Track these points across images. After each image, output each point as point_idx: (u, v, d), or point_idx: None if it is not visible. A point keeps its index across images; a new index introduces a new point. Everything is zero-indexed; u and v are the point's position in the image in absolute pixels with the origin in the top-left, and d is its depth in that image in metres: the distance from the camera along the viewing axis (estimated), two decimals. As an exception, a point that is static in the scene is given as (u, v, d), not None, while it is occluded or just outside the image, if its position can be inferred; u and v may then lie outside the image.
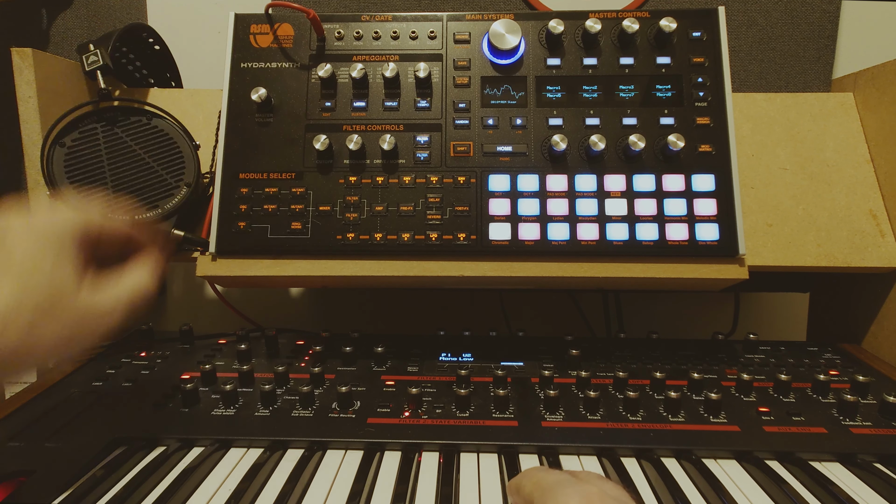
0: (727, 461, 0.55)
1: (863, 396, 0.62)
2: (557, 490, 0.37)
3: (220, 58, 0.72)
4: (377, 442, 0.56)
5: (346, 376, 0.67)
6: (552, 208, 0.67)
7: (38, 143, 0.71)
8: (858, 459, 0.54)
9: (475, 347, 0.75)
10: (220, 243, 0.68)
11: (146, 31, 0.83)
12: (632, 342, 0.77)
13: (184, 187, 0.71)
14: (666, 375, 0.63)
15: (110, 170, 0.69)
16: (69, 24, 0.94)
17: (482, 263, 0.67)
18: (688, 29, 0.70)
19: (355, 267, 0.68)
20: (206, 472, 0.52)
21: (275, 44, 0.72)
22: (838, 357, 0.74)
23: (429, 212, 0.67)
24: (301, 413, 0.60)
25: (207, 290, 1.10)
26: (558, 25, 0.69)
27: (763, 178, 0.76)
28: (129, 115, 0.72)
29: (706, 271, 0.66)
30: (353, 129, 0.69)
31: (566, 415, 0.59)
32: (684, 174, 0.67)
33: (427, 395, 0.63)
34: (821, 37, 0.95)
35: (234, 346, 0.75)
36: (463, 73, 0.70)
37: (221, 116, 0.70)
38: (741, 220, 0.66)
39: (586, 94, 0.69)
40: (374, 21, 0.72)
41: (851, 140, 0.78)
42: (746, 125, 0.78)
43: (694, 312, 1.11)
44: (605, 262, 0.67)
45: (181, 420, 0.59)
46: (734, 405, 0.61)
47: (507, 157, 0.68)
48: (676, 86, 0.69)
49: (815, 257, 0.73)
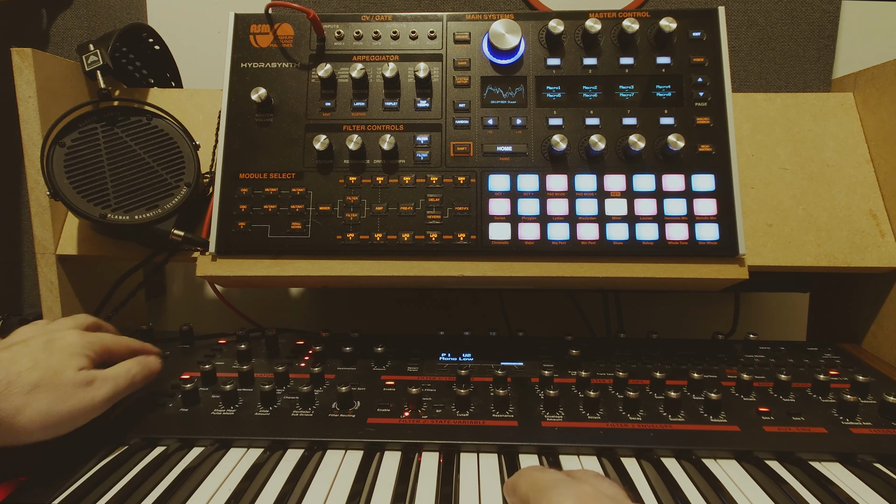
0: (727, 461, 0.55)
1: (863, 396, 0.62)
2: (553, 490, 0.37)
3: (220, 58, 0.72)
4: (377, 442, 0.56)
5: (346, 376, 0.67)
6: (552, 208, 0.67)
7: (38, 143, 0.71)
8: (858, 459, 0.54)
9: (475, 347, 0.75)
10: (220, 243, 0.68)
11: (146, 31, 0.83)
12: (632, 342, 0.77)
13: (184, 187, 0.71)
14: (666, 375, 0.63)
15: (110, 170, 0.69)
16: (69, 24, 0.94)
17: (482, 263, 0.67)
18: (688, 29, 0.70)
19: (355, 267, 0.68)
20: (206, 472, 0.52)
21: (275, 44, 0.72)
22: (838, 357, 0.74)
23: (429, 212, 0.67)
24: (301, 413, 0.60)
25: (207, 290, 1.10)
26: (558, 25, 0.69)
27: (763, 178, 0.76)
28: (129, 115, 0.72)
29: (706, 271, 0.66)
30: (353, 129, 0.69)
31: (566, 415, 0.59)
32: (684, 174, 0.67)
33: (427, 395, 0.63)
34: (821, 37, 0.95)
35: (234, 346, 0.75)
36: (463, 73, 0.70)
37: (221, 116, 0.70)
38: (741, 220, 0.66)
39: (586, 94, 0.69)
40: (374, 21, 0.72)
41: (851, 140, 0.78)
42: (746, 125, 0.78)
43: (694, 312, 1.11)
44: (605, 262, 0.67)
45: (181, 420, 0.59)
46: (734, 405, 0.61)
47: (507, 157, 0.68)
48: (676, 86, 0.69)
49: (815, 257, 0.73)
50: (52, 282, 0.74)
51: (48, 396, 0.50)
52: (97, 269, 0.81)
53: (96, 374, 0.54)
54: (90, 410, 0.53)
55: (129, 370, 0.58)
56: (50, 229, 0.74)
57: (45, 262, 0.74)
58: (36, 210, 0.73)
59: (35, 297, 0.89)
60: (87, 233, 0.75)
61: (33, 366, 0.51)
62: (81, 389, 0.52)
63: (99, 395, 0.53)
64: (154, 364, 0.61)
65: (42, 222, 0.74)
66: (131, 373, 0.57)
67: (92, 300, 0.78)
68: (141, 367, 0.59)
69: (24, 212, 0.95)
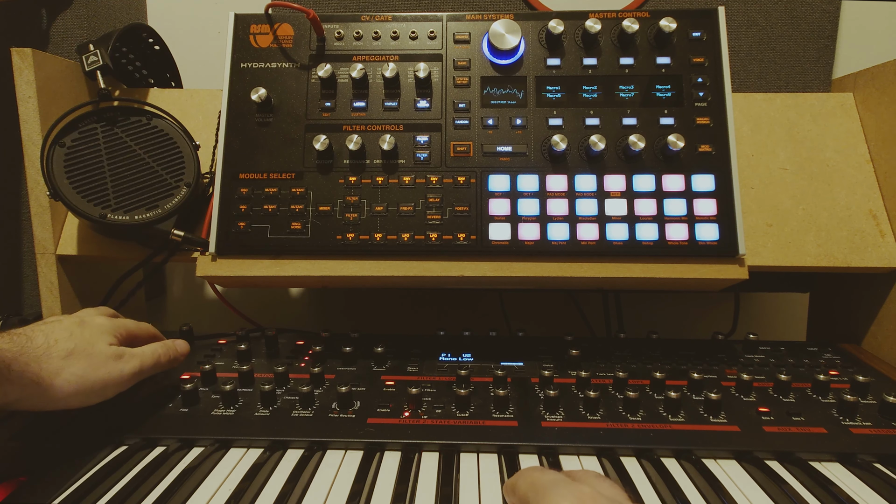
0: (727, 461, 0.55)
1: (863, 396, 0.62)
2: (551, 490, 0.37)
3: (220, 58, 0.72)
4: (377, 442, 0.56)
5: (345, 376, 0.67)
6: (552, 208, 0.67)
7: (38, 143, 0.71)
8: (858, 459, 0.54)
9: (475, 347, 0.75)
10: (219, 243, 0.68)
11: (146, 31, 0.83)
12: (632, 342, 0.77)
13: (184, 187, 0.71)
14: (666, 375, 0.63)
15: (110, 170, 0.69)
16: (69, 24, 0.94)
17: (482, 263, 0.67)
18: (688, 29, 0.70)
19: (355, 267, 0.68)
20: (206, 472, 0.52)
21: (275, 44, 0.72)
22: (838, 357, 0.74)
23: (429, 212, 0.67)
24: (301, 413, 0.60)
25: (207, 290, 1.10)
26: (558, 25, 0.69)
27: (763, 178, 0.76)
28: (129, 116, 0.72)
29: (706, 271, 0.66)
30: (353, 129, 0.69)
31: (566, 415, 0.59)
32: (684, 174, 0.67)
33: (427, 395, 0.62)
34: (821, 37, 0.95)
35: (234, 346, 0.75)
36: (463, 73, 0.70)
37: (221, 116, 0.70)
38: (741, 220, 0.66)
39: (586, 94, 0.69)
40: (373, 21, 0.72)
41: (851, 140, 0.78)
42: (746, 125, 0.78)
43: (694, 312, 1.11)
44: (605, 262, 0.67)
45: (181, 420, 0.59)
46: (734, 405, 0.61)
47: (507, 157, 0.68)
48: (676, 86, 0.69)
49: (815, 257, 0.73)
50: (52, 282, 0.74)
51: (83, 363, 0.54)
52: (97, 269, 0.81)
53: (125, 350, 0.58)
54: (119, 382, 0.56)
55: (155, 350, 0.61)
56: (50, 229, 0.74)
57: (45, 262, 0.74)
58: (36, 210, 0.73)
59: (35, 297, 0.89)
60: (87, 233, 0.75)
61: (69, 336, 0.55)
62: (112, 361, 0.56)
63: (127, 369, 0.57)
64: (181, 347, 0.65)
65: (42, 222, 0.74)
66: (157, 353, 0.61)
67: (92, 300, 0.78)
68: (166, 350, 0.63)
69: (24, 212, 0.95)
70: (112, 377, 0.55)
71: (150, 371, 0.60)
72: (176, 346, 0.65)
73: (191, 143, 0.73)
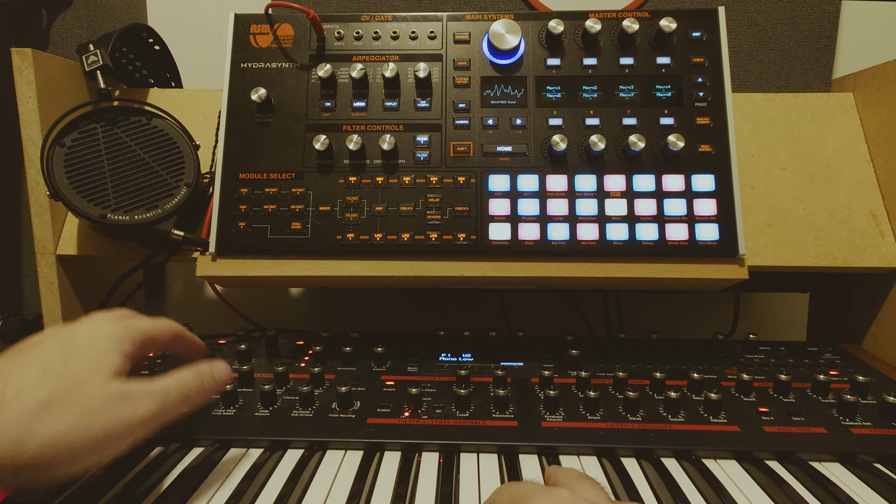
0: (727, 461, 0.55)
1: (863, 396, 0.62)
2: (531, 499, 0.38)
3: (220, 58, 0.72)
4: (377, 442, 0.56)
5: (345, 376, 0.67)
6: (552, 208, 0.67)
7: (37, 143, 0.71)
8: (858, 459, 0.54)
9: (475, 347, 0.75)
10: (220, 243, 0.68)
11: (146, 31, 0.83)
12: (632, 342, 0.77)
13: (184, 187, 0.71)
14: (666, 375, 0.63)
15: (110, 170, 0.69)
16: (69, 24, 0.94)
17: (482, 263, 0.67)
18: (688, 29, 0.70)
19: (355, 267, 0.68)
20: (205, 472, 0.52)
21: (275, 44, 0.72)
22: (838, 357, 0.74)
23: (429, 212, 0.67)
24: (301, 413, 0.60)
25: (207, 290, 1.10)
26: (558, 25, 0.69)
27: (763, 178, 0.76)
28: (129, 116, 0.72)
29: (706, 271, 0.66)
30: (353, 129, 0.69)
31: (566, 415, 0.59)
32: (684, 174, 0.67)
33: (427, 395, 0.62)
34: (821, 37, 0.95)
35: (234, 346, 0.75)
36: (463, 73, 0.70)
37: (221, 116, 0.70)
38: (741, 220, 0.66)
39: (586, 94, 0.69)
40: (373, 21, 0.72)
41: (851, 140, 0.78)
42: (746, 125, 0.78)
43: (694, 312, 1.11)
44: (605, 262, 0.67)
45: (181, 420, 0.59)
46: (734, 405, 0.61)
47: (507, 158, 0.68)
48: (676, 86, 0.69)
49: (815, 257, 0.73)
50: (51, 282, 0.74)
51: (68, 414, 0.38)
52: (97, 269, 0.81)
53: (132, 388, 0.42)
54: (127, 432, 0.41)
55: (184, 382, 0.45)
56: (50, 229, 0.74)
57: (45, 262, 0.74)
58: (36, 210, 0.73)
59: (35, 297, 0.89)
60: (87, 233, 0.75)
61: (42, 376, 0.39)
62: (114, 404, 0.40)
63: (139, 413, 0.41)
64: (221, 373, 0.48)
65: (42, 222, 0.74)
66: (186, 385, 0.44)
67: (92, 300, 0.78)
68: (199, 380, 0.46)
69: (24, 212, 0.95)
70: (118, 427, 0.40)
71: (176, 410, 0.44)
72: (213, 372, 0.47)
73: (191, 143, 0.73)
